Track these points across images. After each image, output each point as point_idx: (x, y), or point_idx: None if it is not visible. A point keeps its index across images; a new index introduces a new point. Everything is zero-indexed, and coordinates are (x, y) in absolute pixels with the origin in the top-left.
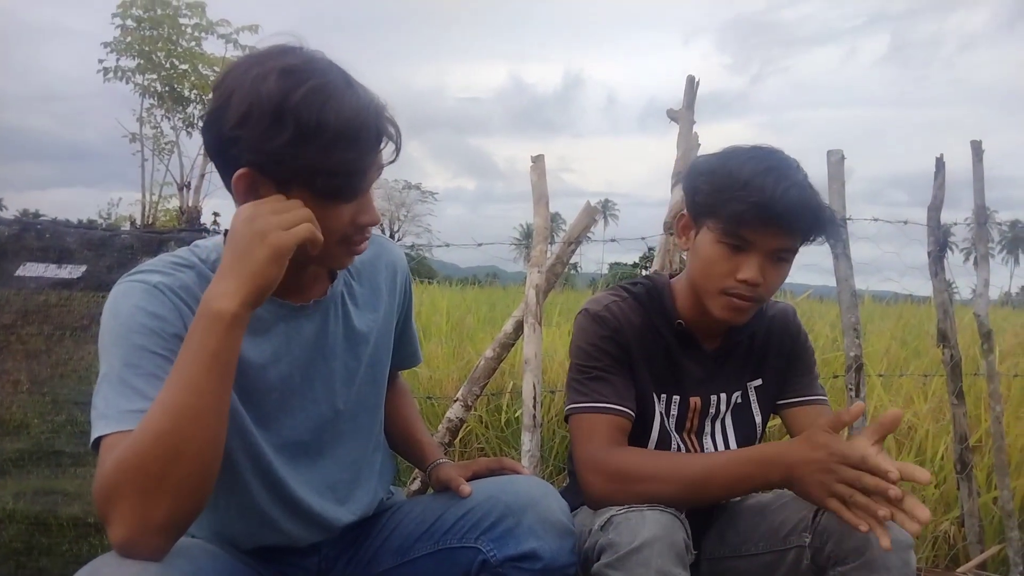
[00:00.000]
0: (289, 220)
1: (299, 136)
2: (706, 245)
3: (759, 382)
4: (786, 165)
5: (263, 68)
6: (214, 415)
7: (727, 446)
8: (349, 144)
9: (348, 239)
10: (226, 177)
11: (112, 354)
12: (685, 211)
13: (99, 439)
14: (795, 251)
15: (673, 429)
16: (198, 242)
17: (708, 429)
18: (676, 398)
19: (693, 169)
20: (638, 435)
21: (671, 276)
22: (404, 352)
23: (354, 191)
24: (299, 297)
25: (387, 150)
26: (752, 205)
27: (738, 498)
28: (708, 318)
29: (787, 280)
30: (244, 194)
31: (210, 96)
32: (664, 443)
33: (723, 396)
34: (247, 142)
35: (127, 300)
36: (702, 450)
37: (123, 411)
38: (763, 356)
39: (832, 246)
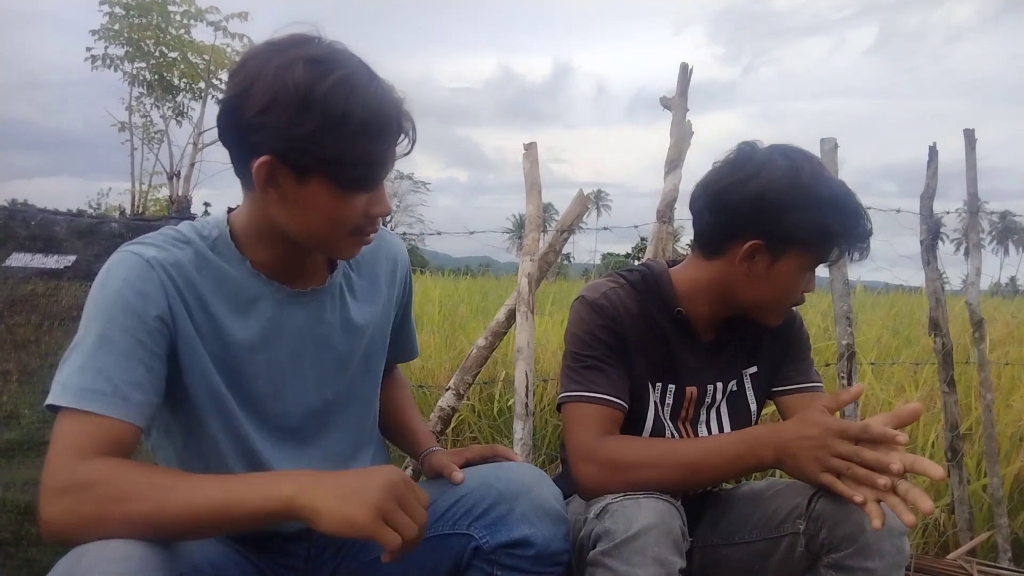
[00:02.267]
0: (402, 523)
1: (325, 126)
2: (790, 272)
3: (754, 369)
4: (841, 184)
5: (286, 57)
6: (183, 533)
7: (721, 432)
8: (373, 135)
9: (360, 229)
10: (241, 164)
11: (91, 325)
12: (754, 239)
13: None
14: None
15: (667, 418)
16: (202, 219)
17: (703, 417)
18: (672, 387)
19: (759, 196)
20: (632, 424)
21: (670, 264)
22: (401, 346)
23: (373, 182)
24: (297, 283)
25: (402, 144)
26: (860, 235)
27: (731, 486)
28: (714, 312)
29: None
30: (263, 182)
31: (199, 84)
32: (658, 432)
33: (719, 385)
34: (271, 130)
35: (118, 272)
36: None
37: (83, 388)
38: (758, 344)
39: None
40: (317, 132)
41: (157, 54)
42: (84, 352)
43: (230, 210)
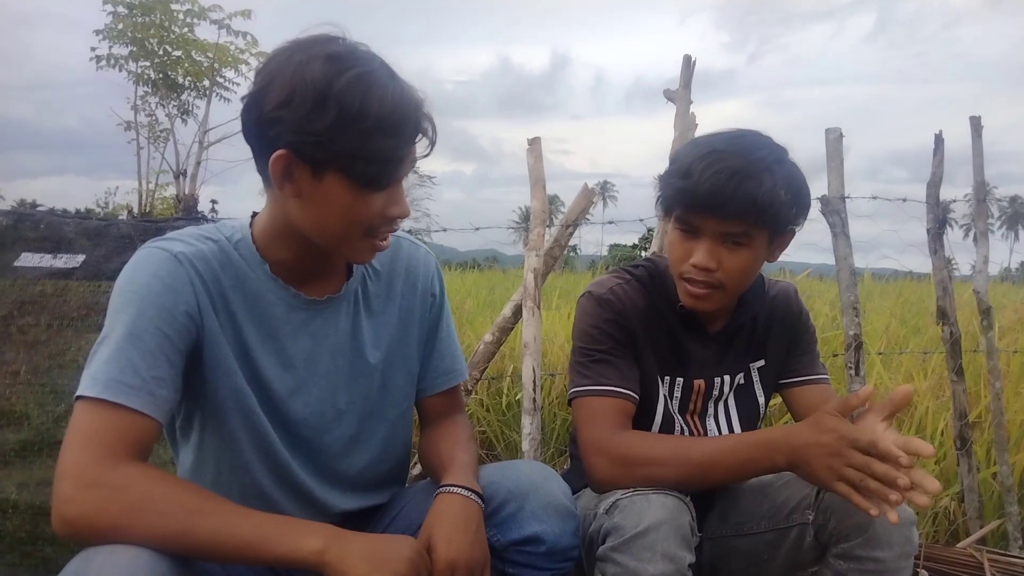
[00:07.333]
0: None
1: (340, 121)
2: (671, 231)
3: (762, 363)
4: (733, 149)
5: (307, 54)
6: (203, 557)
7: (730, 426)
8: (388, 132)
9: (374, 230)
10: (261, 159)
11: (119, 318)
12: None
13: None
14: (749, 235)
15: (676, 411)
16: (226, 221)
17: (711, 411)
18: (680, 380)
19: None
20: (641, 418)
21: None
22: (436, 368)
23: (388, 179)
24: (313, 290)
25: (421, 144)
26: (679, 190)
27: None
28: None
29: (786, 258)
30: (279, 176)
31: (204, 82)
32: (668, 426)
33: (727, 378)
34: (288, 124)
35: (147, 267)
36: (705, 431)
37: (112, 379)
38: (766, 337)
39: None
40: (333, 127)
41: (161, 53)
42: (112, 346)
43: (254, 215)
